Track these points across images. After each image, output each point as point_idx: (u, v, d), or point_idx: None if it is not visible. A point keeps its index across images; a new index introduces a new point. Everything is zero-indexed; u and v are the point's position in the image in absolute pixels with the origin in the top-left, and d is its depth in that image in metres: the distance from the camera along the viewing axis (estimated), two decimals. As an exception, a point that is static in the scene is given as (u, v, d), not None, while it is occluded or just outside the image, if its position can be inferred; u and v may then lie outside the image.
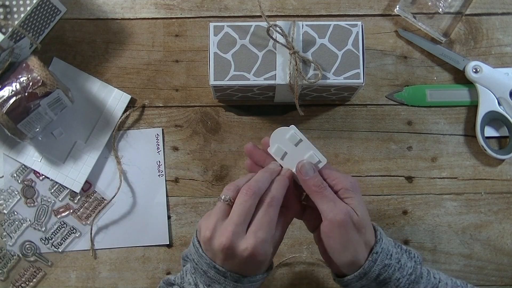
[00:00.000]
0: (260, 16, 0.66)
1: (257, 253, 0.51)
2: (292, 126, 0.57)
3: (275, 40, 0.65)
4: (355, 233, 0.52)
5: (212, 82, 0.66)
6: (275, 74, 0.66)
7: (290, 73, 0.65)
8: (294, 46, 0.65)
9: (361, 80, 0.66)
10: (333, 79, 0.66)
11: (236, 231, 0.51)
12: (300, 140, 0.57)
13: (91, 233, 0.74)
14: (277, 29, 0.64)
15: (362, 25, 0.67)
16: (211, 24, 0.67)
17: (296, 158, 0.57)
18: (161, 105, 0.77)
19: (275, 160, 0.58)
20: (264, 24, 0.65)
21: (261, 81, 0.66)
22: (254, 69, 0.66)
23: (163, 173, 0.75)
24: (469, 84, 0.76)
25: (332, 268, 0.58)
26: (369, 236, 0.53)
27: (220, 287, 0.53)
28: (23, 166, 0.75)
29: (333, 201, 0.53)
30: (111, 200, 0.74)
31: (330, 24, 0.67)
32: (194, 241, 0.55)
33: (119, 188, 0.74)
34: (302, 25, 0.67)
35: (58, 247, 0.74)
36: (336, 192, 0.54)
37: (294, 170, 0.57)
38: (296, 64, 0.65)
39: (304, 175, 0.55)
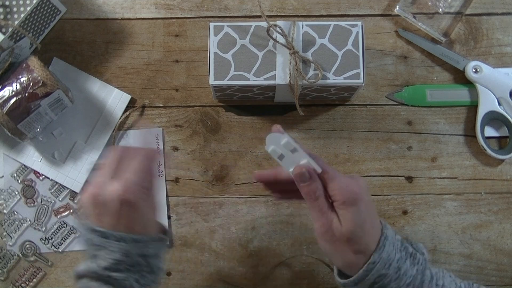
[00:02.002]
0: (260, 16, 0.66)
1: (125, 193, 0.51)
2: (285, 134, 0.55)
3: (275, 40, 0.65)
4: (339, 244, 0.52)
5: (212, 82, 0.66)
6: (275, 74, 0.66)
7: (290, 73, 0.65)
8: (294, 46, 0.65)
9: (361, 80, 0.66)
10: (333, 79, 0.66)
11: (100, 181, 0.52)
12: (295, 149, 0.55)
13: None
14: (277, 29, 0.64)
15: (362, 25, 0.67)
16: (211, 24, 0.67)
17: (293, 160, 0.55)
18: (161, 105, 0.77)
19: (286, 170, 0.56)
20: (264, 24, 0.65)
21: (261, 81, 0.66)
22: (254, 69, 0.66)
23: (163, 173, 0.75)
24: (469, 84, 0.76)
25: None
26: (364, 246, 0.52)
27: (106, 252, 0.51)
28: (23, 166, 0.75)
29: (321, 211, 0.53)
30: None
31: (330, 24, 0.67)
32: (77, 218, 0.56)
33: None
34: (302, 25, 0.67)
35: (58, 247, 0.74)
36: (333, 202, 0.54)
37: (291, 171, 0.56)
38: (296, 64, 0.65)
39: (299, 181, 0.54)
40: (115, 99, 0.76)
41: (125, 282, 0.52)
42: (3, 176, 0.75)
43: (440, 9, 0.77)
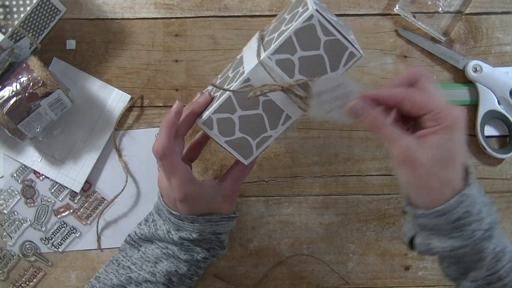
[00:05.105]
0: (259, 16, 0.66)
1: (184, 194, 0.59)
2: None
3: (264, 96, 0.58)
4: (424, 171, 0.49)
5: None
6: (287, 113, 0.59)
7: (298, 106, 0.58)
8: (280, 81, 0.56)
9: (359, 54, 0.56)
10: (334, 75, 0.62)
11: (160, 176, 0.63)
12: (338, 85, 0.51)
13: (97, 231, 0.74)
14: (259, 92, 0.56)
15: (315, 9, 0.53)
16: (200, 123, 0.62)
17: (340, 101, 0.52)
18: (161, 105, 0.77)
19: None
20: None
21: (281, 129, 0.60)
22: (267, 125, 0.60)
23: (163, 173, 0.75)
24: (469, 83, 0.76)
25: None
26: (454, 175, 0.50)
27: (185, 227, 0.61)
28: (23, 166, 0.75)
29: (390, 140, 0.51)
30: (113, 200, 0.74)
31: (289, 36, 0.55)
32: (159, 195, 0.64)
33: (124, 188, 0.74)
34: (268, 58, 0.55)
35: (58, 247, 0.74)
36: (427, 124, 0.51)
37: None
38: (297, 97, 0.57)
39: (356, 117, 0.52)
40: (115, 99, 0.76)
41: (196, 248, 0.62)
42: (3, 176, 0.75)
43: (440, 8, 0.77)
